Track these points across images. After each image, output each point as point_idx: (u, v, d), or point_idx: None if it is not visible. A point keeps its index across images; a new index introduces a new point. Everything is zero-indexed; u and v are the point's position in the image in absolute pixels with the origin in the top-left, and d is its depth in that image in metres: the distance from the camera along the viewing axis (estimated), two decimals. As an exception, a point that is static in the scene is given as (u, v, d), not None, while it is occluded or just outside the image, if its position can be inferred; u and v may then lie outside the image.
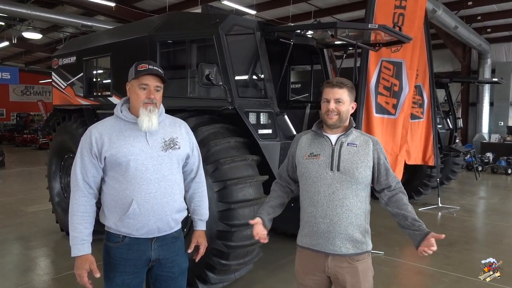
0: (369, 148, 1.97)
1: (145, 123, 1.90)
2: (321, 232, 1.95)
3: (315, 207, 1.97)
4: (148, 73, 1.92)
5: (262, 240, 2.07)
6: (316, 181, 1.97)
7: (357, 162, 1.93)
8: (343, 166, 1.93)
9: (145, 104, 1.92)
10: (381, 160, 1.98)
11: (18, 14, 11.91)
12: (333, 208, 1.92)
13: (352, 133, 2.01)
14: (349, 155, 1.94)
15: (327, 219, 1.93)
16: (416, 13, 5.24)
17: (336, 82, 1.98)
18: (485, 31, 14.32)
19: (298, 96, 6.48)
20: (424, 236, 1.90)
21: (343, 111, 1.96)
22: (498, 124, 15.16)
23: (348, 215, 1.92)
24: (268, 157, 3.71)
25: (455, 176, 8.95)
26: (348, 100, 1.98)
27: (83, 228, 1.90)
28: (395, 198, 1.99)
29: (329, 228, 1.93)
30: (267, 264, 4.34)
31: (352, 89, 2.01)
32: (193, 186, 2.20)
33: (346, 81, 2.01)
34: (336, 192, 1.93)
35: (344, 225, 1.92)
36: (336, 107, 1.96)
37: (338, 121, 1.97)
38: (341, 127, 2.01)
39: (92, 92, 5.12)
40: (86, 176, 1.92)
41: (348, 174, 1.92)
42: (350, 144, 1.97)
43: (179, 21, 4.22)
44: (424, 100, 6.62)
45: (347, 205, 1.92)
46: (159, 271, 2.05)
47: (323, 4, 12.87)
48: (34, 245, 5.02)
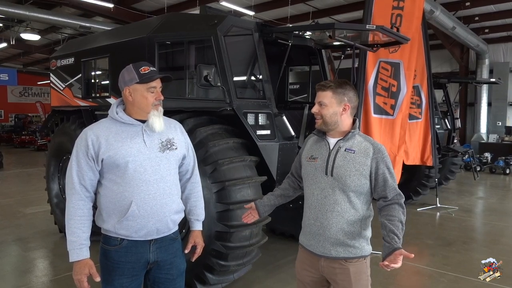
0: (367, 156, 1.88)
1: (158, 124, 1.93)
2: (313, 233, 1.97)
3: (309, 209, 2.00)
4: (157, 77, 1.95)
5: (244, 220, 2.21)
6: (312, 184, 1.98)
7: (351, 169, 1.87)
8: (336, 172, 1.89)
9: (156, 105, 1.95)
10: (379, 170, 1.88)
11: (16, 15, 11.89)
12: (324, 213, 1.92)
13: (353, 138, 1.94)
14: (344, 161, 1.89)
15: (318, 222, 1.94)
16: (414, 14, 5.26)
17: (318, 85, 1.95)
18: (482, 31, 14.36)
19: (296, 97, 6.48)
20: (392, 251, 1.76)
21: (326, 114, 1.91)
22: (496, 124, 15.19)
23: (338, 220, 1.89)
24: (267, 158, 3.71)
25: (454, 176, 8.97)
26: (332, 102, 1.90)
27: (81, 233, 1.88)
28: (388, 208, 1.90)
29: (319, 231, 1.94)
30: (266, 265, 4.34)
31: (339, 89, 1.91)
32: (188, 187, 2.20)
33: (330, 83, 1.93)
34: (328, 197, 1.91)
35: (334, 230, 1.90)
36: (319, 110, 1.92)
37: (322, 124, 1.94)
38: (340, 131, 1.95)
39: (90, 93, 5.11)
40: (82, 179, 1.90)
41: (340, 181, 1.88)
42: (347, 149, 1.91)
43: (178, 22, 4.22)
44: (422, 101, 6.63)
45: (338, 211, 1.89)
46: (158, 273, 2.04)
47: (321, 5, 12.89)
48: (32, 246, 5.01)
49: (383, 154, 1.91)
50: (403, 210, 1.89)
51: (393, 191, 1.90)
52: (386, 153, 1.93)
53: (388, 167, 1.91)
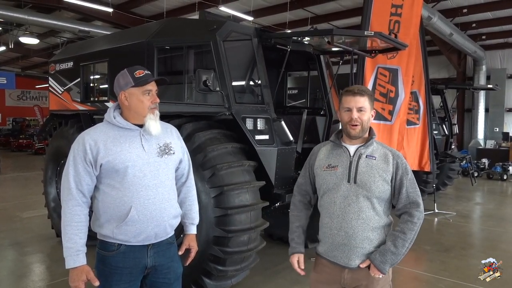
0: (388, 162, 1.90)
1: (154, 127, 1.93)
2: (337, 244, 1.92)
3: (331, 219, 1.94)
4: (152, 80, 1.95)
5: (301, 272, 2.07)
6: (333, 193, 1.93)
7: (375, 175, 1.87)
8: (359, 179, 1.88)
9: (152, 109, 1.95)
10: (398, 175, 1.90)
11: (15, 19, 11.90)
12: (349, 221, 1.88)
13: (372, 144, 1.95)
14: (367, 168, 1.89)
15: (342, 232, 1.90)
16: (411, 20, 5.29)
17: (357, 90, 1.92)
18: (480, 38, 14.45)
19: (295, 102, 6.49)
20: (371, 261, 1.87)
21: (365, 120, 1.91)
22: (494, 130, 15.24)
23: (364, 228, 1.87)
24: (265, 163, 3.71)
25: (451, 182, 8.99)
26: (369, 108, 1.93)
27: (78, 239, 1.86)
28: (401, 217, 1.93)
29: (344, 241, 1.90)
30: (263, 270, 4.32)
31: (371, 96, 1.96)
32: (184, 191, 2.19)
33: (366, 88, 1.98)
34: (352, 204, 1.88)
35: (359, 238, 1.87)
36: (359, 116, 1.90)
37: (360, 131, 1.91)
38: (361, 138, 1.95)
39: (89, 98, 5.12)
40: (79, 184, 1.88)
41: (364, 187, 1.87)
42: (369, 156, 1.91)
43: (177, 27, 4.24)
44: (420, 106, 6.66)
45: (363, 218, 1.87)
46: (155, 278, 2.04)
47: (320, 10, 12.95)
48: (29, 251, 4.99)
49: (402, 160, 1.94)
50: (411, 219, 1.88)
51: (404, 200, 1.91)
52: (404, 159, 1.96)
53: (407, 172, 1.91)
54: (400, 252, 1.84)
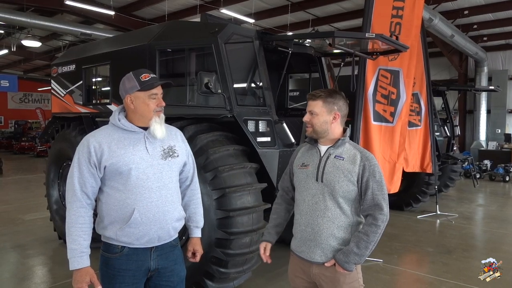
0: (355, 163, 1.92)
1: (159, 131, 1.94)
2: (304, 239, 2.00)
3: (301, 215, 2.02)
4: (158, 84, 1.96)
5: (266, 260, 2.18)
6: (303, 190, 2.01)
7: (340, 175, 1.91)
8: (325, 178, 1.94)
9: (158, 112, 1.96)
10: (364, 177, 1.90)
11: (18, 22, 11.97)
12: (315, 218, 1.95)
13: (343, 145, 1.99)
14: (333, 168, 1.93)
15: (309, 228, 1.97)
16: (412, 22, 5.30)
17: (309, 95, 2.02)
18: (481, 39, 14.45)
19: (296, 104, 6.50)
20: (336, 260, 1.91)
21: (316, 123, 1.98)
22: (496, 131, 15.23)
23: (329, 226, 1.92)
24: (267, 165, 3.72)
25: (453, 184, 8.97)
26: (323, 111, 1.97)
27: (82, 240, 1.87)
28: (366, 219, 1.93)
29: (310, 237, 1.97)
30: (265, 272, 4.32)
31: (329, 98, 1.97)
32: (188, 194, 2.20)
33: (321, 92, 2.00)
34: (319, 202, 1.95)
35: (324, 235, 1.93)
36: (310, 119, 1.99)
37: (312, 132, 2.01)
38: (331, 139, 2.01)
39: (91, 100, 5.13)
40: (84, 186, 1.89)
41: (329, 186, 1.93)
42: (337, 156, 1.96)
43: (178, 30, 4.25)
44: (421, 108, 6.66)
45: (329, 217, 1.92)
46: (158, 280, 2.04)
47: (321, 13, 12.98)
48: (31, 253, 4.99)
49: (370, 162, 1.92)
50: (375, 222, 1.87)
51: (369, 201, 1.90)
52: (374, 161, 1.94)
53: (374, 174, 1.90)
54: (363, 253, 1.87)
